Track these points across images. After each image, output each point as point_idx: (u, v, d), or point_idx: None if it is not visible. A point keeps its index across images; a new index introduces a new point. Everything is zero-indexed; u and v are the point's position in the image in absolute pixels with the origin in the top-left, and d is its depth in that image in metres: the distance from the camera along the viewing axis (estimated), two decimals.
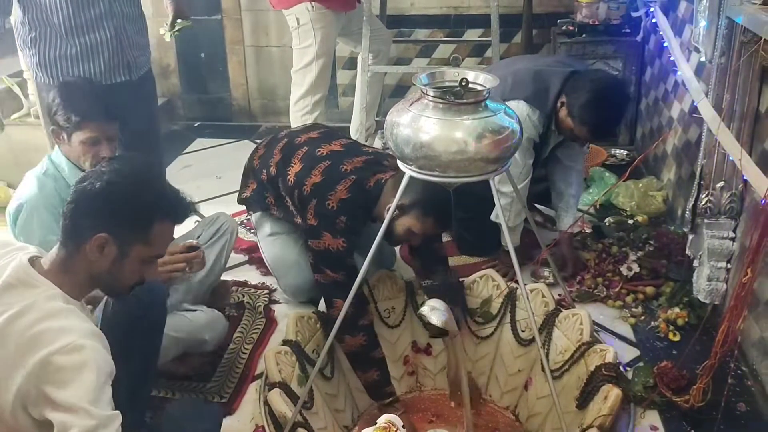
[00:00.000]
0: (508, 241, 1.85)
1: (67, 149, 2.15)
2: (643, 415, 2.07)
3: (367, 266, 1.91)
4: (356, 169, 2.29)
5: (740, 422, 2.05)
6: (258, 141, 3.57)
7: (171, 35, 2.91)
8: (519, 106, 2.47)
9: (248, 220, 3.21)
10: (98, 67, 2.50)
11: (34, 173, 2.17)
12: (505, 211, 2.60)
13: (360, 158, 2.35)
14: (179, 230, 3.01)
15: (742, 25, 2.09)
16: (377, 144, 4.05)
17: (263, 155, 2.57)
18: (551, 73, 2.57)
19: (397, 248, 2.83)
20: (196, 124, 4.77)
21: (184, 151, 4.33)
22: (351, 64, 4.39)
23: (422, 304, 1.98)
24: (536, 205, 3.20)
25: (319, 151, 2.40)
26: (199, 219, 2.58)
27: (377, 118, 4.12)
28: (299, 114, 3.77)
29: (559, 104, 2.53)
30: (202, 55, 4.72)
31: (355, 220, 2.22)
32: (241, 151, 3.60)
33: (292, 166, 2.39)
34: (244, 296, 2.69)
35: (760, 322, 2.16)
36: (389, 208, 2.05)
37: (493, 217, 2.71)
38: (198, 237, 2.47)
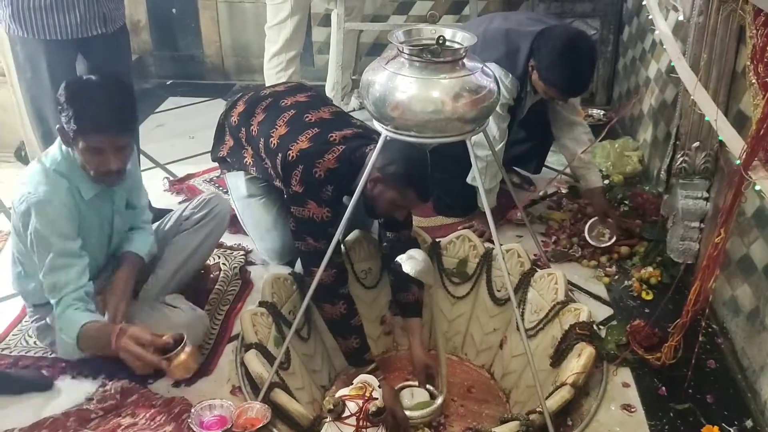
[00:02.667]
0: (485, 203, 1.85)
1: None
2: (615, 373, 2.10)
3: (341, 232, 1.90)
4: (345, 139, 2.22)
5: (710, 379, 2.09)
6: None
7: None
8: (491, 69, 2.44)
9: (219, 177, 3.18)
10: (74, 18, 2.43)
11: (45, 166, 1.94)
12: (481, 174, 2.59)
13: (349, 130, 2.29)
14: (167, 203, 2.92)
15: None
16: (353, 103, 4.01)
17: (243, 112, 2.48)
18: (521, 33, 2.52)
19: None
20: (168, 82, 4.67)
21: (157, 110, 4.24)
22: (326, 20, 4.30)
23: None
24: (514, 168, 3.19)
25: (308, 116, 2.32)
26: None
27: (353, 77, 4.06)
28: (273, 71, 3.70)
29: (530, 68, 2.50)
30: (174, 10, 4.59)
31: (342, 190, 2.18)
32: (215, 110, 3.54)
33: (277, 129, 2.30)
34: (219, 257, 2.67)
35: (732, 281, 2.20)
36: (371, 178, 2.03)
37: (469, 180, 2.70)
38: (185, 219, 2.33)
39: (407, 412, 1.96)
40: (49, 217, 1.88)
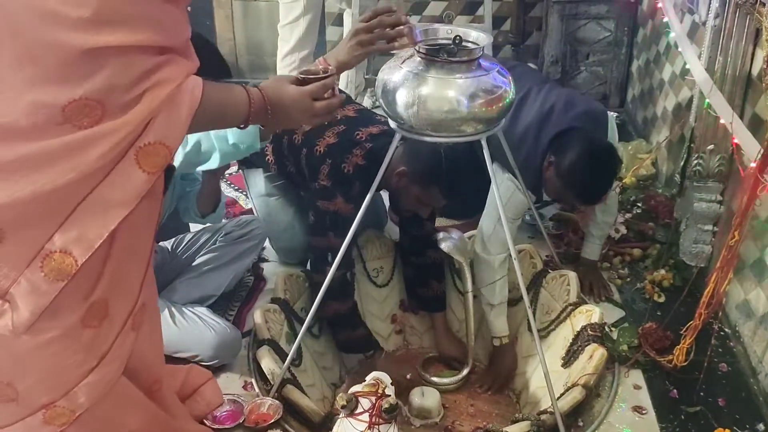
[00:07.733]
0: (500, 205, 1.83)
1: None
2: (627, 375, 2.10)
3: (356, 228, 1.89)
4: (372, 136, 2.22)
5: (721, 382, 2.09)
6: None
7: None
8: (505, 184, 2.28)
9: (233, 174, 3.21)
10: None
11: None
12: None
13: (375, 127, 2.27)
14: None
15: None
16: (366, 102, 4.01)
17: None
18: (538, 132, 2.28)
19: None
20: None
21: None
22: (340, 20, 4.31)
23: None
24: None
25: None
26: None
27: (366, 76, 4.06)
28: (286, 70, 3.70)
29: (546, 163, 2.24)
30: (189, 8, 4.59)
31: (368, 189, 2.18)
32: None
33: (302, 126, 2.33)
34: None
35: (744, 284, 2.19)
36: (396, 172, 2.06)
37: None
38: (225, 234, 2.38)
39: (435, 379, 2.26)
40: None
